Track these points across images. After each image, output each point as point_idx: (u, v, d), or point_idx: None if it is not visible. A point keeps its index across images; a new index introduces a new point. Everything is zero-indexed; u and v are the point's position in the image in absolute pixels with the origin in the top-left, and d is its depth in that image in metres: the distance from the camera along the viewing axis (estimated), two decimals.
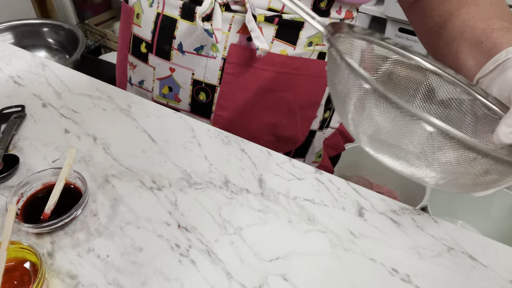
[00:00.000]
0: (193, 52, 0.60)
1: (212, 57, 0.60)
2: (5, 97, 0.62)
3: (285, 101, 0.63)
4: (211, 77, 0.61)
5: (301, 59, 0.61)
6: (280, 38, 0.59)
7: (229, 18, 0.57)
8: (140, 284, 0.40)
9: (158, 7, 0.61)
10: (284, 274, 0.42)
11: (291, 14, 0.58)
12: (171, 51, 0.61)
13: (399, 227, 0.47)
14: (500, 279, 0.42)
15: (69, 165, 0.45)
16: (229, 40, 0.58)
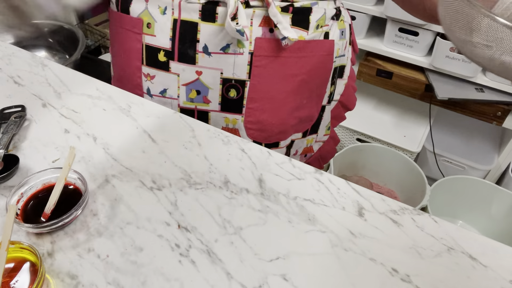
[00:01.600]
0: (219, 52, 0.61)
1: (239, 54, 0.61)
2: (5, 97, 0.62)
3: (305, 83, 0.67)
4: (240, 73, 0.62)
5: (315, 41, 0.65)
6: (295, 25, 0.62)
7: (250, 14, 0.59)
8: (140, 284, 0.40)
9: (173, 14, 0.61)
10: (284, 274, 0.42)
11: (300, 1, 0.61)
12: (196, 55, 0.62)
13: (399, 227, 0.47)
14: (500, 279, 0.42)
15: (69, 165, 0.45)
16: (253, 35, 0.60)
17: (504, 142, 1.57)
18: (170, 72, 0.64)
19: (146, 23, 0.64)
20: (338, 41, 0.69)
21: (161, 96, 0.65)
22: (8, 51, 0.72)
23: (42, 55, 1.55)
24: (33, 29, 0.56)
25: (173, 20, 0.61)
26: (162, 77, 0.64)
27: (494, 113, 1.40)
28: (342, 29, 0.70)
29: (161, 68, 0.64)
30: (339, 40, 0.69)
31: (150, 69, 0.65)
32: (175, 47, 0.62)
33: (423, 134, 1.60)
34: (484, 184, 1.35)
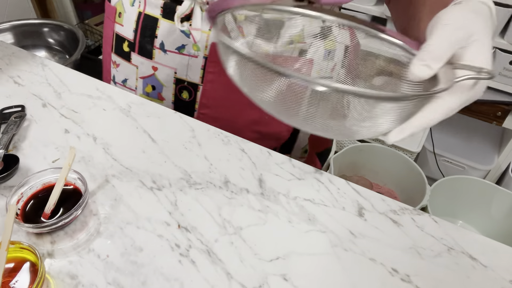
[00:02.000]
0: (175, 51, 0.61)
1: (193, 56, 0.60)
2: (5, 97, 0.62)
3: None
4: (193, 75, 0.62)
5: (282, 57, 0.62)
6: (260, 37, 0.59)
7: None
8: (140, 284, 0.40)
9: (139, 6, 0.61)
10: (284, 274, 0.42)
11: (271, 13, 0.58)
12: (153, 50, 0.62)
13: (399, 227, 0.47)
14: (500, 279, 0.42)
15: (69, 165, 0.45)
16: (210, 39, 0.59)
17: (504, 142, 1.57)
18: (130, 63, 0.65)
19: (118, 12, 0.65)
20: (321, 61, 0.66)
21: (122, 85, 0.67)
22: (8, 51, 0.72)
23: (42, 55, 1.54)
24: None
25: (138, 13, 0.62)
26: (124, 67, 0.66)
27: (494, 113, 1.40)
28: (330, 50, 0.67)
29: (124, 58, 0.66)
30: (322, 60, 0.66)
31: (117, 57, 0.67)
32: (136, 39, 0.63)
33: (423, 134, 1.60)
34: (484, 184, 1.35)
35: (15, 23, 1.52)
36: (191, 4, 0.56)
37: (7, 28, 1.50)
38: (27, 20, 1.55)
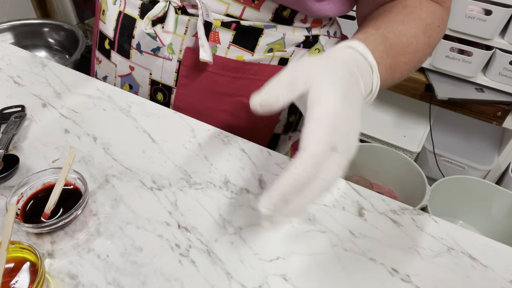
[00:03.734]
0: (150, 53, 0.61)
1: (168, 59, 0.60)
2: (5, 97, 0.62)
3: (243, 105, 0.63)
4: (168, 78, 0.62)
5: (259, 64, 0.61)
6: (237, 44, 0.59)
7: (185, 21, 0.57)
8: (140, 284, 0.40)
9: (120, 5, 0.62)
10: (284, 274, 0.42)
11: (250, 21, 0.58)
12: (131, 50, 0.62)
13: (399, 227, 0.47)
14: (500, 279, 0.42)
15: (69, 165, 0.45)
16: (185, 43, 0.59)
17: (504, 142, 1.57)
18: (110, 61, 0.66)
19: (102, 10, 0.66)
20: None
21: (103, 82, 0.67)
22: (8, 51, 0.72)
23: (42, 55, 1.55)
24: None
25: (118, 12, 0.62)
26: (105, 64, 0.66)
27: (494, 113, 1.40)
28: None
29: (105, 55, 0.67)
30: None
31: (99, 53, 0.68)
32: (116, 38, 0.63)
33: (423, 134, 1.60)
34: (484, 184, 1.35)
35: (15, 23, 1.52)
36: (164, 7, 0.56)
37: (7, 28, 1.50)
38: (27, 20, 1.55)
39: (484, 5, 1.22)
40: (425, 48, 0.53)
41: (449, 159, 1.58)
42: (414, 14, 0.53)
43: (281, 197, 0.33)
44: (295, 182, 0.33)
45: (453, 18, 1.26)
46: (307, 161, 0.33)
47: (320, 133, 0.35)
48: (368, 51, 0.44)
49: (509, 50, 1.28)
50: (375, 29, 0.50)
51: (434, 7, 0.55)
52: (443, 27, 0.56)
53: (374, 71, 0.44)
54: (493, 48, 1.31)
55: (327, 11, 0.59)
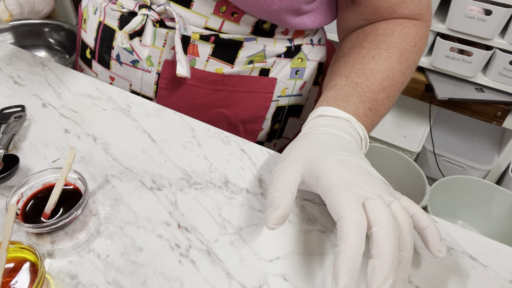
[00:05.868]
0: (129, 64, 0.61)
1: (147, 71, 0.60)
2: (5, 97, 0.62)
3: (223, 116, 0.64)
4: (147, 90, 0.62)
5: (240, 76, 0.61)
6: (216, 57, 0.58)
7: (164, 34, 0.57)
8: (140, 284, 0.40)
9: (100, 16, 0.61)
10: (284, 274, 0.42)
11: (229, 34, 0.57)
12: (111, 61, 0.62)
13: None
14: (500, 279, 0.42)
15: (69, 165, 0.45)
16: (164, 56, 0.58)
17: (504, 142, 1.57)
18: (92, 70, 0.66)
19: (84, 18, 0.66)
20: (287, 80, 0.64)
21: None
22: (8, 51, 0.72)
23: (42, 55, 1.54)
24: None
25: (98, 22, 0.62)
26: (87, 73, 0.67)
27: (494, 113, 1.40)
28: (298, 68, 0.65)
29: (87, 64, 0.67)
30: (289, 79, 0.65)
31: (81, 62, 0.69)
32: (96, 48, 0.63)
33: (423, 134, 1.61)
34: (484, 184, 1.35)
35: (15, 23, 1.51)
36: (142, 20, 0.55)
37: (7, 28, 1.50)
38: (27, 20, 1.55)
39: (484, 5, 1.22)
40: (404, 75, 0.54)
41: (449, 159, 1.58)
42: (386, 43, 0.53)
43: (351, 276, 0.32)
44: (356, 253, 0.33)
45: (453, 18, 1.27)
46: (352, 229, 0.34)
47: (345, 199, 0.36)
48: (339, 111, 0.47)
49: (509, 50, 1.28)
50: (345, 78, 0.51)
51: (408, 28, 0.55)
52: (422, 44, 0.57)
53: (352, 121, 0.46)
54: (493, 48, 1.31)
55: (307, 25, 0.59)
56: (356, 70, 0.51)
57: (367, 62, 0.52)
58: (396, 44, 0.53)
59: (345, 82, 0.50)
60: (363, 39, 0.56)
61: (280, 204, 0.37)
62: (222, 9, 0.55)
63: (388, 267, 0.32)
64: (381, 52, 0.52)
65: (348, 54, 0.55)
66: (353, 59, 0.53)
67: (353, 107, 0.47)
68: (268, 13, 0.53)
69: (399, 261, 0.34)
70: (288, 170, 0.41)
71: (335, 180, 0.38)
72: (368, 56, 0.52)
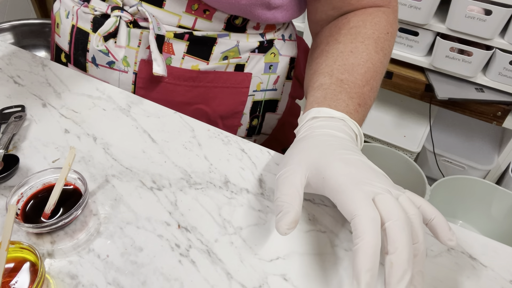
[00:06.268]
0: (106, 66, 0.61)
1: (123, 71, 0.61)
2: (5, 97, 0.62)
3: (202, 112, 0.64)
4: (126, 90, 0.62)
5: (215, 72, 0.62)
6: (191, 54, 0.59)
7: (138, 34, 0.58)
8: (140, 284, 0.40)
9: (73, 19, 0.62)
10: (284, 274, 0.42)
11: (203, 31, 0.58)
12: (86, 63, 0.63)
13: None
14: (500, 279, 0.42)
15: (69, 165, 0.45)
16: (139, 56, 0.59)
17: (504, 142, 1.57)
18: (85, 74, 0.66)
19: (56, 23, 0.66)
20: (261, 75, 0.66)
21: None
22: (8, 51, 0.72)
23: (42, 55, 1.54)
24: None
25: (71, 26, 0.62)
26: None
27: (494, 113, 1.40)
28: (272, 63, 0.66)
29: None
30: (263, 74, 0.66)
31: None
32: (71, 51, 0.64)
33: (423, 134, 1.61)
34: (484, 184, 1.35)
35: (15, 23, 1.51)
36: (115, 22, 0.56)
37: (7, 28, 1.50)
38: (27, 20, 1.55)
39: (484, 5, 1.22)
40: (382, 63, 0.54)
41: (449, 159, 1.58)
42: (360, 35, 0.54)
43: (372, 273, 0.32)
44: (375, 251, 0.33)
45: (453, 18, 1.27)
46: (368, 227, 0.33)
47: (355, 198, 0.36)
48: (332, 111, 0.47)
49: (509, 50, 1.28)
50: (329, 76, 0.51)
51: (378, 17, 0.56)
52: (393, 30, 0.57)
53: (346, 120, 0.47)
54: (493, 48, 1.31)
55: (278, 19, 0.60)
56: (337, 66, 0.52)
57: (347, 57, 0.52)
58: (370, 34, 0.54)
59: (330, 80, 0.51)
60: (336, 33, 0.56)
61: (290, 208, 0.37)
62: (194, 7, 0.56)
63: (405, 261, 0.32)
64: (358, 45, 0.53)
65: (326, 50, 0.56)
66: (332, 56, 0.54)
67: (344, 105, 0.48)
68: (238, 8, 0.54)
69: (414, 254, 0.34)
70: (292, 174, 0.40)
71: (342, 179, 0.38)
72: (346, 50, 0.53)
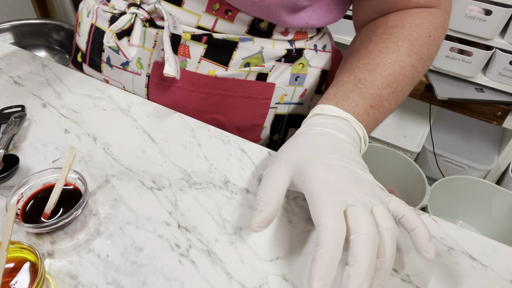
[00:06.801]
0: (119, 67, 0.59)
1: (137, 74, 0.58)
2: (5, 97, 0.62)
3: (218, 122, 0.61)
4: (140, 92, 0.61)
5: (234, 80, 0.57)
6: (209, 58, 0.56)
7: (153, 35, 0.55)
8: (140, 284, 0.40)
9: (92, 18, 0.60)
10: (284, 274, 0.42)
11: (223, 33, 0.54)
12: (101, 64, 0.61)
13: (399, 227, 0.47)
14: (500, 279, 0.42)
15: (69, 165, 0.45)
16: (153, 58, 0.56)
17: (504, 142, 1.57)
18: (84, 74, 0.65)
19: (78, 22, 0.65)
20: (286, 86, 0.61)
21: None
22: (8, 51, 0.72)
23: (42, 55, 1.54)
24: None
25: (90, 25, 0.61)
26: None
27: (494, 113, 1.40)
28: (299, 74, 0.61)
29: (78, 68, 0.66)
30: (288, 85, 0.61)
31: (73, 66, 0.68)
32: (87, 51, 0.62)
33: (423, 134, 1.61)
34: (484, 184, 1.35)
35: (15, 23, 1.52)
36: (130, 19, 0.53)
37: (7, 28, 1.50)
38: (27, 20, 1.55)
39: (484, 5, 1.22)
40: (415, 68, 0.51)
41: (449, 159, 1.58)
42: (395, 35, 0.51)
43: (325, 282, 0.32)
44: (331, 261, 0.33)
45: (453, 18, 1.26)
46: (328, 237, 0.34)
47: (325, 206, 0.36)
48: (337, 109, 0.46)
49: (509, 50, 1.28)
50: (348, 74, 0.50)
51: (421, 18, 0.53)
52: (438, 33, 0.54)
53: (350, 120, 0.45)
54: (493, 48, 1.31)
55: (306, 21, 0.55)
56: (360, 65, 0.50)
57: (373, 57, 0.50)
58: (406, 36, 0.51)
59: (347, 78, 0.49)
60: (372, 33, 0.54)
61: (265, 208, 0.38)
62: (215, 7, 0.52)
63: (363, 275, 0.32)
64: (389, 45, 0.50)
65: (357, 49, 0.53)
66: (360, 54, 0.51)
67: (353, 105, 0.46)
68: (262, 8, 0.50)
69: (378, 267, 0.35)
70: (277, 173, 0.40)
71: (318, 185, 0.38)
72: (375, 50, 0.50)
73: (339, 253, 0.33)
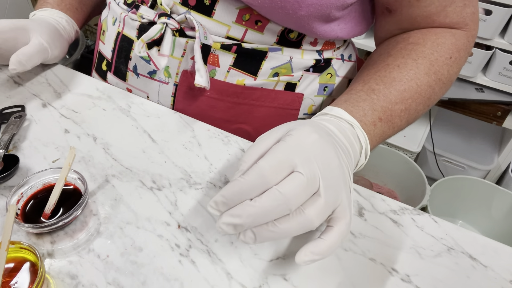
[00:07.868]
0: (146, 76, 0.59)
1: (164, 82, 0.58)
2: (5, 97, 0.62)
3: (244, 132, 0.60)
4: (165, 102, 0.60)
5: (263, 90, 0.57)
6: (238, 68, 0.55)
7: (183, 44, 0.55)
8: (140, 284, 0.40)
9: (119, 26, 0.60)
10: (284, 274, 0.42)
11: (253, 43, 0.54)
12: (127, 72, 0.61)
13: (399, 227, 0.47)
14: (500, 279, 0.43)
15: (69, 165, 0.45)
16: (182, 66, 0.56)
17: (504, 142, 1.57)
18: (106, 82, 0.65)
19: (102, 30, 0.64)
20: (314, 96, 0.60)
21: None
22: None
23: None
24: None
25: (117, 33, 0.60)
26: None
27: (494, 113, 1.40)
28: (327, 84, 0.61)
29: (102, 76, 0.65)
30: (316, 95, 0.60)
31: (96, 74, 0.67)
32: (113, 59, 0.62)
33: (423, 134, 1.60)
34: (484, 184, 1.35)
35: None
36: (161, 29, 0.53)
37: None
38: None
39: (484, 5, 1.22)
40: (431, 88, 0.50)
41: (449, 159, 1.58)
42: (415, 52, 0.50)
43: (225, 201, 0.33)
44: (240, 190, 0.33)
45: None
46: (252, 173, 0.34)
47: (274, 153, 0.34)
48: (344, 113, 0.45)
49: (509, 50, 1.28)
50: (363, 83, 0.49)
51: (444, 38, 0.52)
52: (460, 55, 0.52)
53: (355, 126, 0.44)
54: (493, 48, 1.31)
55: (337, 33, 0.55)
56: (376, 77, 0.49)
57: (390, 71, 0.49)
58: (426, 54, 0.50)
59: (361, 87, 0.48)
60: (392, 47, 0.53)
61: (245, 167, 0.36)
62: (245, 17, 0.52)
63: (262, 209, 0.33)
64: (408, 61, 0.49)
65: (375, 61, 0.53)
66: (377, 66, 0.51)
67: (361, 113, 0.45)
68: (295, 20, 0.50)
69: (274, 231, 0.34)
70: (268, 137, 0.38)
71: (290, 140, 0.36)
72: (393, 64, 0.50)
73: (251, 193, 0.33)
